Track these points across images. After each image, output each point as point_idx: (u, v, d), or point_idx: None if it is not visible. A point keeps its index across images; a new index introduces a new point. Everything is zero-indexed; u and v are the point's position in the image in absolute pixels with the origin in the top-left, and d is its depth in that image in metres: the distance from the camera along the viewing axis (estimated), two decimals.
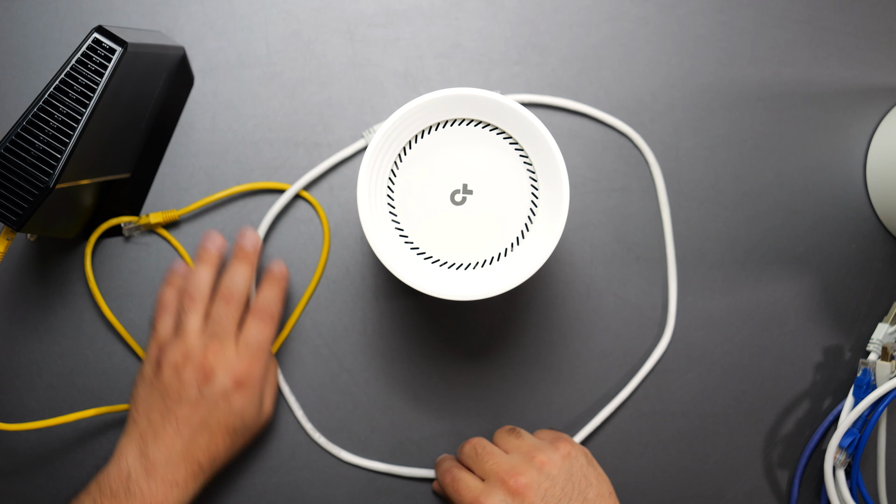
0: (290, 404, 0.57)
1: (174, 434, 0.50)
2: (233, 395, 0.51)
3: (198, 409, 0.51)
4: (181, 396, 0.51)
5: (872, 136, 0.59)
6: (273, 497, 0.57)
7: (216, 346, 0.51)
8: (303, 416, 0.57)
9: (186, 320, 0.52)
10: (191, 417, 0.50)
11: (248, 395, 0.52)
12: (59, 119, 0.46)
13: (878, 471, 0.56)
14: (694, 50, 0.59)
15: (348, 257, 0.58)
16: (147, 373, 0.52)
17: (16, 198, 0.46)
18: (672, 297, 0.58)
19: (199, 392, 0.51)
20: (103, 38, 0.47)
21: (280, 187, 0.57)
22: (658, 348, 0.57)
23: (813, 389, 0.58)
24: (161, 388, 0.51)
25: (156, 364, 0.52)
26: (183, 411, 0.50)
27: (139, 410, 0.52)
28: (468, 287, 0.47)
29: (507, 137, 0.47)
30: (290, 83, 0.58)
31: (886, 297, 0.58)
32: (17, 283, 0.57)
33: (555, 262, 0.58)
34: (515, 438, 0.51)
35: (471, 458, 0.51)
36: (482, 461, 0.50)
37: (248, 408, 0.52)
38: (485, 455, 0.51)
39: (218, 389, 0.51)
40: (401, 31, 0.58)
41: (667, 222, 0.58)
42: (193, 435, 0.50)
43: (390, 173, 0.47)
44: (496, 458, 0.50)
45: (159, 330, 0.54)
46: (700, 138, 0.59)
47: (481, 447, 0.51)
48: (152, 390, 0.52)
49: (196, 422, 0.51)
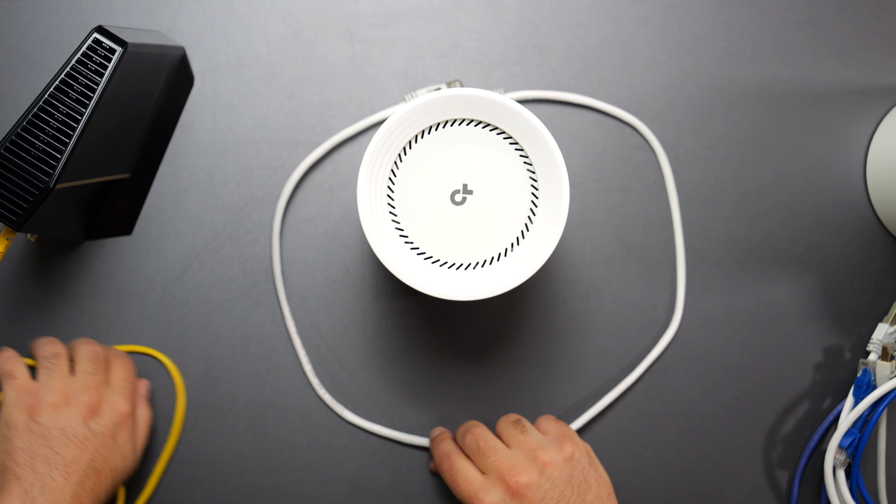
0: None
1: (63, 481, 0.48)
2: (118, 431, 0.51)
3: (86, 448, 0.49)
4: (67, 437, 0.49)
5: (872, 136, 0.59)
6: (273, 497, 0.57)
7: (96, 381, 0.51)
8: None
9: (54, 364, 0.52)
10: (79, 458, 0.49)
11: (130, 431, 0.52)
12: (59, 119, 0.46)
13: (878, 471, 0.56)
14: (694, 50, 0.59)
15: (348, 257, 0.58)
16: (18, 422, 0.49)
17: (16, 198, 0.46)
18: (680, 291, 0.58)
19: (86, 429, 0.49)
20: (103, 38, 0.47)
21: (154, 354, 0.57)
22: (662, 341, 0.57)
23: (813, 389, 0.58)
24: (42, 433, 0.49)
25: (28, 410, 0.49)
26: (70, 453, 0.48)
27: (20, 463, 0.48)
28: (468, 287, 0.47)
29: (507, 137, 0.47)
30: (290, 83, 0.58)
31: (886, 297, 0.58)
32: (17, 283, 0.57)
33: (555, 262, 0.58)
34: (520, 434, 0.51)
35: (472, 450, 0.51)
36: (484, 456, 0.50)
37: (128, 445, 0.52)
38: (487, 450, 0.50)
39: (105, 424, 0.50)
40: (401, 31, 0.58)
41: (676, 216, 0.58)
42: (82, 479, 0.48)
43: (390, 173, 0.47)
44: (498, 455, 0.50)
45: (18, 377, 0.51)
46: (700, 138, 0.59)
47: (483, 441, 0.51)
48: (31, 437, 0.49)
49: (85, 463, 0.49)
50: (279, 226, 0.58)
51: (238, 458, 0.57)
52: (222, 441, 0.57)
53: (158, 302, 0.57)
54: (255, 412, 0.57)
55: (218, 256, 0.58)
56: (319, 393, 0.57)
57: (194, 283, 0.57)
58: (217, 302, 0.57)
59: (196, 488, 0.57)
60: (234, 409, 0.57)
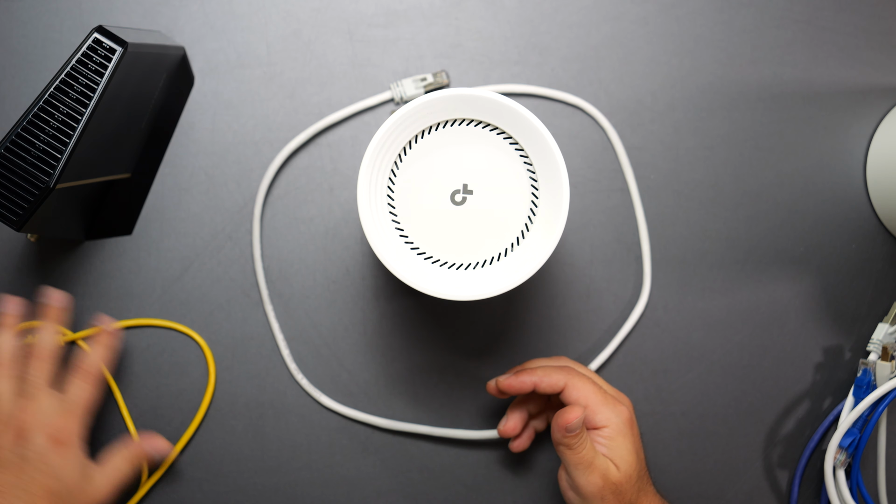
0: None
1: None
2: (50, 454, 0.49)
3: (18, 474, 0.48)
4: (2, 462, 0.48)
5: (872, 136, 0.59)
6: (273, 497, 0.57)
7: (29, 404, 0.50)
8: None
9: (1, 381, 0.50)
10: (11, 483, 0.48)
11: (67, 453, 0.49)
12: (60, 119, 0.46)
13: (878, 471, 0.56)
14: (694, 50, 0.59)
15: (348, 257, 0.58)
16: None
17: (16, 198, 0.46)
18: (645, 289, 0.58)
19: (15, 454, 0.48)
20: (103, 38, 0.47)
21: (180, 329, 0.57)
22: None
23: (813, 389, 0.58)
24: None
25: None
26: (3, 477, 0.48)
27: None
28: (468, 287, 0.47)
29: (507, 137, 0.47)
30: (290, 83, 0.58)
31: (886, 297, 0.58)
32: (17, 283, 0.57)
33: (555, 262, 0.58)
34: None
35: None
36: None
37: (66, 468, 0.49)
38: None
39: (34, 449, 0.49)
40: (401, 31, 0.58)
41: (640, 215, 0.58)
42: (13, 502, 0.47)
43: (390, 173, 0.47)
44: None
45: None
46: (700, 138, 0.58)
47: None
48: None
49: (17, 488, 0.48)
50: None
51: (238, 458, 0.57)
52: (222, 441, 0.57)
53: (158, 302, 0.57)
54: (255, 412, 0.57)
55: (218, 256, 0.58)
56: (319, 393, 0.57)
57: (194, 283, 0.57)
58: (217, 302, 0.57)
59: (196, 488, 0.57)
60: (235, 409, 0.57)
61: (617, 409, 0.50)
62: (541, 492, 0.58)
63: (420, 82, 0.57)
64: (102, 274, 0.57)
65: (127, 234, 0.58)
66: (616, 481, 0.49)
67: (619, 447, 0.49)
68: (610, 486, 0.49)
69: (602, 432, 0.50)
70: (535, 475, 0.58)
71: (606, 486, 0.49)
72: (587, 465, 0.49)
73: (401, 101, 0.57)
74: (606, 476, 0.49)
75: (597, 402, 0.50)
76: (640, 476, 0.50)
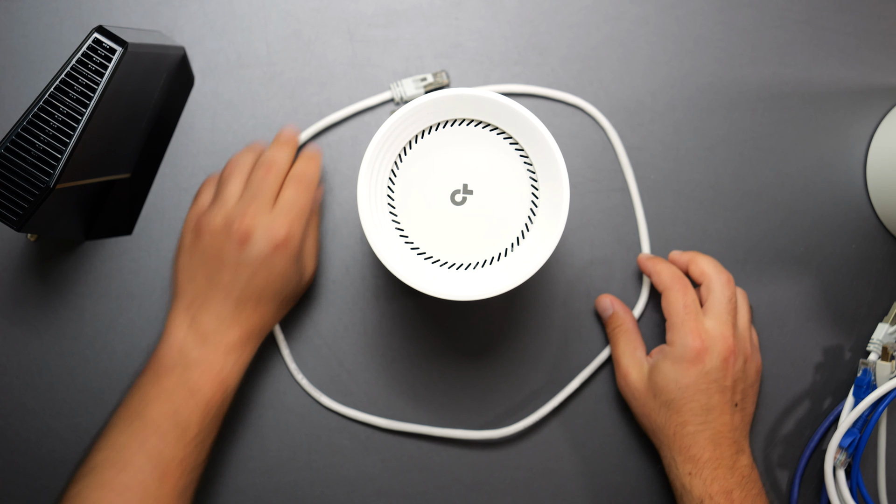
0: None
1: (222, 299, 0.50)
2: (272, 258, 0.51)
3: (239, 274, 0.51)
4: (222, 261, 0.51)
5: (872, 136, 0.59)
6: (273, 497, 0.57)
7: (254, 209, 0.51)
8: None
9: (226, 187, 0.53)
10: (234, 282, 0.51)
11: (287, 256, 0.51)
12: (60, 119, 0.46)
13: (878, 471, 0.56)
14: (694, 50, 0.59)
15: (348, 257, 0.58)
16: (186, 242, 0.53)
17: (16, 198, 0.46)
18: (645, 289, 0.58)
19: (238, 255, 0.50)
20: (103, 38, 0.47)
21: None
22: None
23: (813, 389, 0.58)
24: (202, 255, 0.51)
25: (195, 232, 0.52)
26: (226, 276, 0.51)
27: (183, 280, 0.52)
28: (468, 287, 0.47)
29: (507, 137, 0.47)
30: (290, 83, 0.58)
31: (886, 297, 0.58)
32: (17, 283, 0.57)
33: (555, 262, 0.58)
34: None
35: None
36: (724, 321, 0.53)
37: (288, 269, 0.52)
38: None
39: (257, 252, 0.50)
40: (401, 31, 0.58)
41: (640, 214, 0.58)
42: (240, 299, 0.51)
43: (390, 173, 0.47)
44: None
45: (200, 199, 0.54)
46: (700, 138, 0.59)
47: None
48: (193, 257, 0.52)
49: (240, 286, 0.51)
50: None
51: (238, 458, 0.57)
52: (222, 441, 0.57)
53: (158, 302, 0.57)
54: (255, 412, 0.57)
55: None
56: (319, 393, 0.57)
57: None
58: None
59: (195, 488, 0.57)
60: (235, 409, 0.57)
61: (686, 339, 0.51)
62: (541, 492, 0.58)
63: (420, 82, 0.57)
64: (102, 274, 0.57)
65: (127, 234, 0.58)
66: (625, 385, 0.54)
67: (658, 364, 0.52)
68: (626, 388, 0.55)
69: (663, 347, 0.53)
70: (535, 475, 0.58)
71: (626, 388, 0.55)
72: (616, 360, 0.55)
73: (401, 101, 0.57)
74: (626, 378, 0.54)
75: (673, 323, 0.53)
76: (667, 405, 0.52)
